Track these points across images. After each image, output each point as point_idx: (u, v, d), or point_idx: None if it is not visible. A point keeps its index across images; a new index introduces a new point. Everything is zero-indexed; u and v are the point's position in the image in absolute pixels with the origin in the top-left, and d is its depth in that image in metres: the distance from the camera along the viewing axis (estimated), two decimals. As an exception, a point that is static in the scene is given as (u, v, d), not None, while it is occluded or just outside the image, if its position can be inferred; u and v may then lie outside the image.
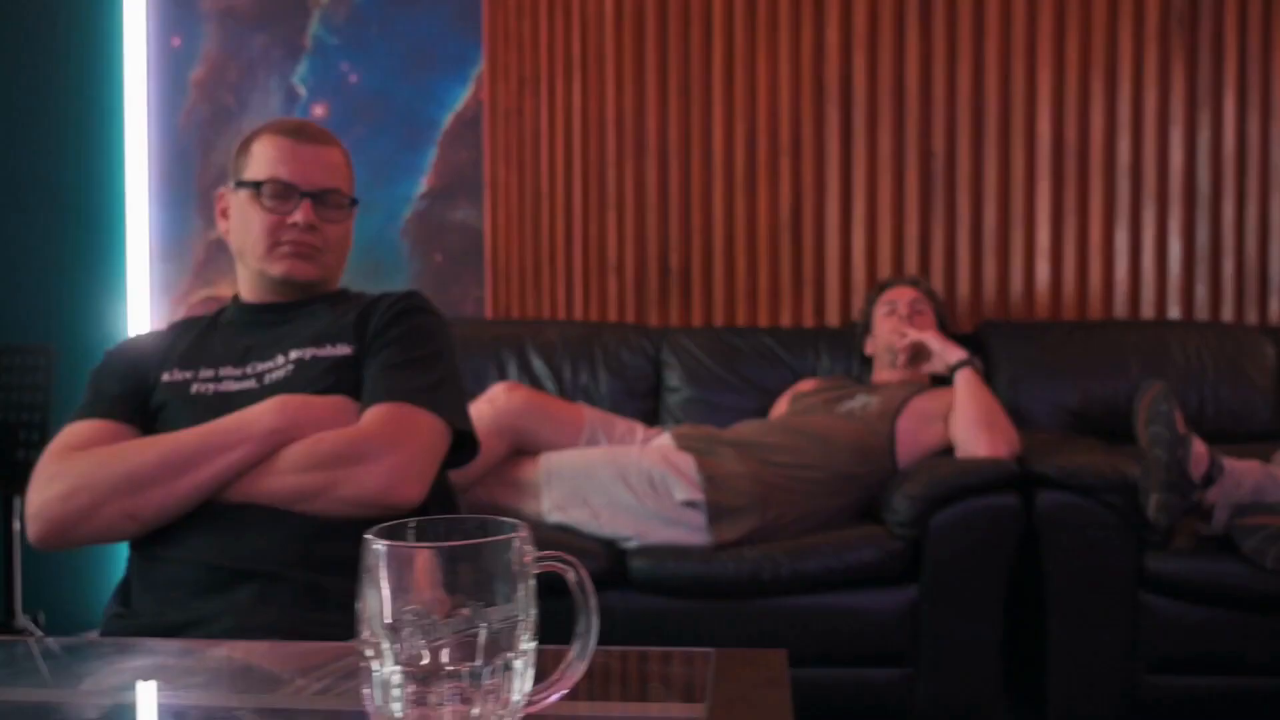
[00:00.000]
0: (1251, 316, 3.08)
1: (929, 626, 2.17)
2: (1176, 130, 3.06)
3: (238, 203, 1.47)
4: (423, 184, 3.31)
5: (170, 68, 3.36)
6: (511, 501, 2.29)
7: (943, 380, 2.72)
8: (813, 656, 2.19)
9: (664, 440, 2.40)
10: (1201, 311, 3.08)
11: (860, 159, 3.12)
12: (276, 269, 1.43)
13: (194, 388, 1.40)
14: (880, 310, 2.74)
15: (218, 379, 1.41)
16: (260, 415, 1.29)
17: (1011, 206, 3.09)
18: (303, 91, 3.33)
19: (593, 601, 0.68)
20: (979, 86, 3.09)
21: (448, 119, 3.30)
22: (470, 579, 0.61)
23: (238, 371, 1.41)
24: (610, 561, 2.19)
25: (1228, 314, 3.08)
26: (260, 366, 1.41)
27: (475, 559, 0.61)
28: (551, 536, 2.22)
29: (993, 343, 2.86)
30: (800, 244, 3.15)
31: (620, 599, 2.20)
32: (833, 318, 3.12)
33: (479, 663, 0.61)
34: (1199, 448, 2.05)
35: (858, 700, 2.21)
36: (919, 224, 3.11)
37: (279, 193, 1.42)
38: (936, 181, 3.11)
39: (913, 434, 2.41)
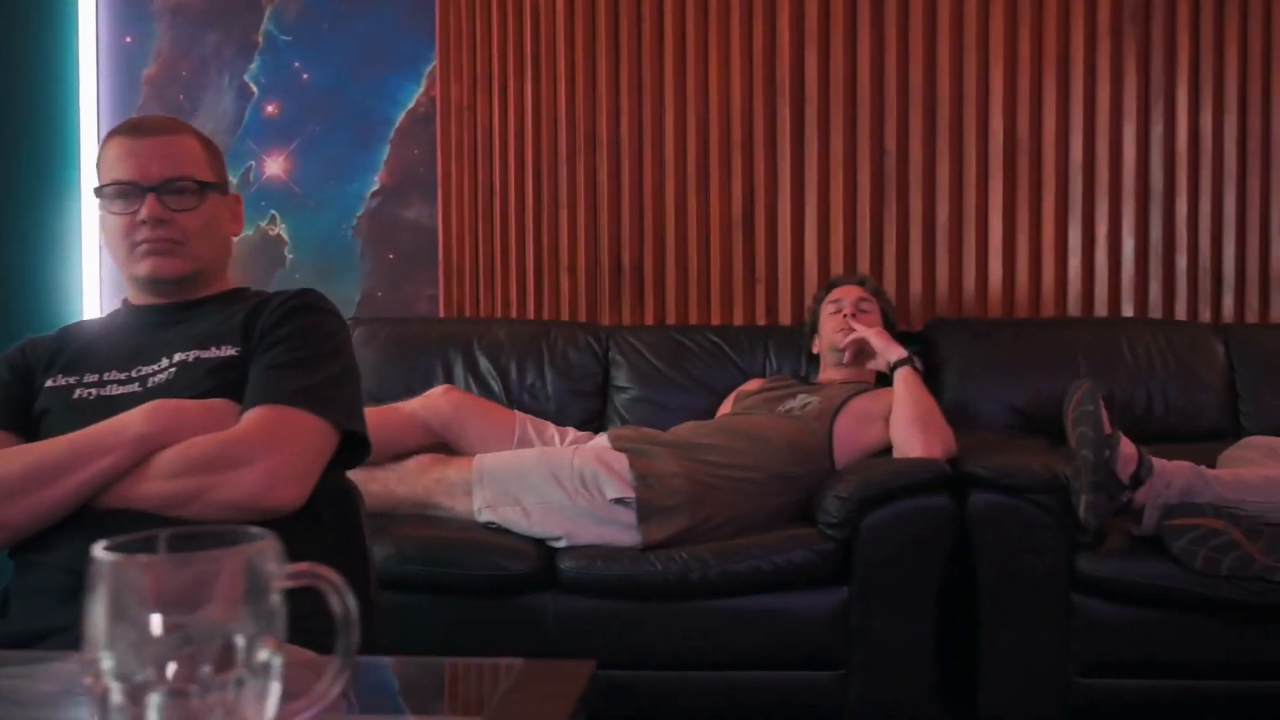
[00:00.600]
0: (1205, 314, 3.06)
1: (861, 628, 2.16)
2: (1129, 126, 3.04)
3: (99, 212, 1.45)
4: (375, 182, 3.29)
5: (123, 65, 3.35)
6: (443, 500, 2.28)
7: (888, 380, 2.71)
8: (744, 658, 2.18)
9: (600, 441, 2.39)
10: (1155, 309, 3.06)
11: (813, 156, 3.10)
12: (140, 270, 1.41)
13: (77, 393, 1.38)
14: (827, 309, 2.72)
15: (102, 383, 1.39)
16: (131, 421, 1.28)
17: (964, 203, 3.07)
18: (255, 89, 3.31)
19: (352, 616, 0.66)
20: (931, 83, 3.07)
21: (400, 117, 3.28)
22: (196, 592, 0.59)
23: (123, 375, 1.39)
24: (540, 562, 2.17)
25: (1181, 311, 3.06)
26: (145, 370, 1.39)
27: (201, 570, 0.59)
28: (482, 536, 2.21)
29: (940, 341, 2.85)
30: (753, 241, 3.13)
31: (550, 600, 2.18)
32: (785, 316, 3.10)
33: (205, 679, 0.59)
34: (1127, 448, 2.03)
35: (789, 702, 2.19)
36: (871, 221, 3.09)
37: (122, 193, 1.40)
38: (889, 178, 3.09)
39: (852, 434, 2.40)
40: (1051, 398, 2.71)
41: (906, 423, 2.30)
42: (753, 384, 2.73)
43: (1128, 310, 3.05)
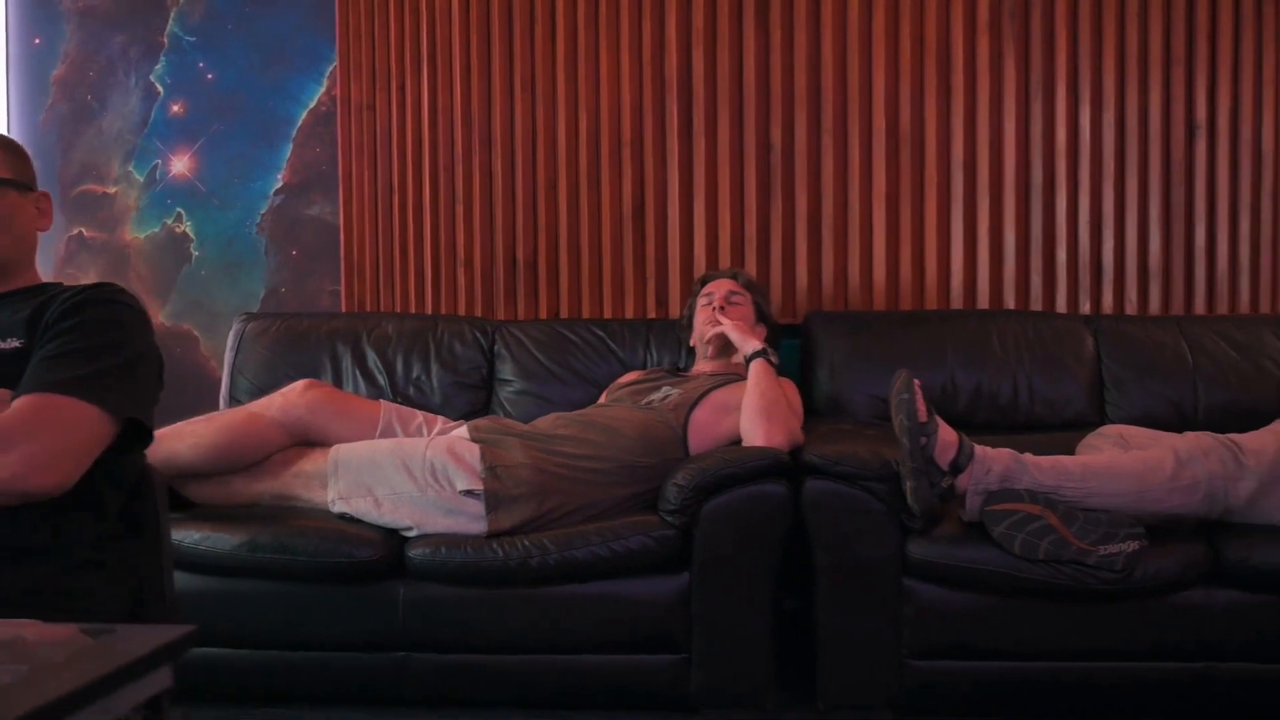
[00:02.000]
0: (1085, 306, 3.11)
1: (701, 613, 2.21)
2: (1010, 122, 3.09)
3: None
4: (279, 180, 3.36)
5: (31, 67, 3.41)
6: (301, 492, 2.34)
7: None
8: (588, 643, 2.24)
9: (460, 432, 2.44)
10: (1036, 302, 3.11)
11: (700, 153, 3.15)
12: None
13: None
14: (700, 302, 2.78)
15: None
16: (-100, 410, 1.33)
17: (849, 198, 3.13)
18: (161, 89, 3.37)
19: None
20: (816, 80, 3.12)
21: (303, 116, 3.34)
22: None
23: None
24: (388, 550, 2.23)
25: (1062, 304, 3.11)
26: None
27: None
28: (334, 525, 2.27)
29: (817, 333, 2.90)
30: (643, 236, 3.19)
31: (400, 587, 2.24)
32: (675, 309, 3.15)
33: None
34: (946, 435, 2.09)
35: (634, 686, 2.25)
36: (758, 216, 3.15)
37: None
38: (775, 174, 3.14)
39: (708, 425, 2.45)
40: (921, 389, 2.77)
41: (750, 413, 2.36)
42: (629, 376, 2.79)
43: (1010, 303, 3.11)
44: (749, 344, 2.53)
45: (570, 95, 3.19)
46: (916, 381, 2.09)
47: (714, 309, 2.69)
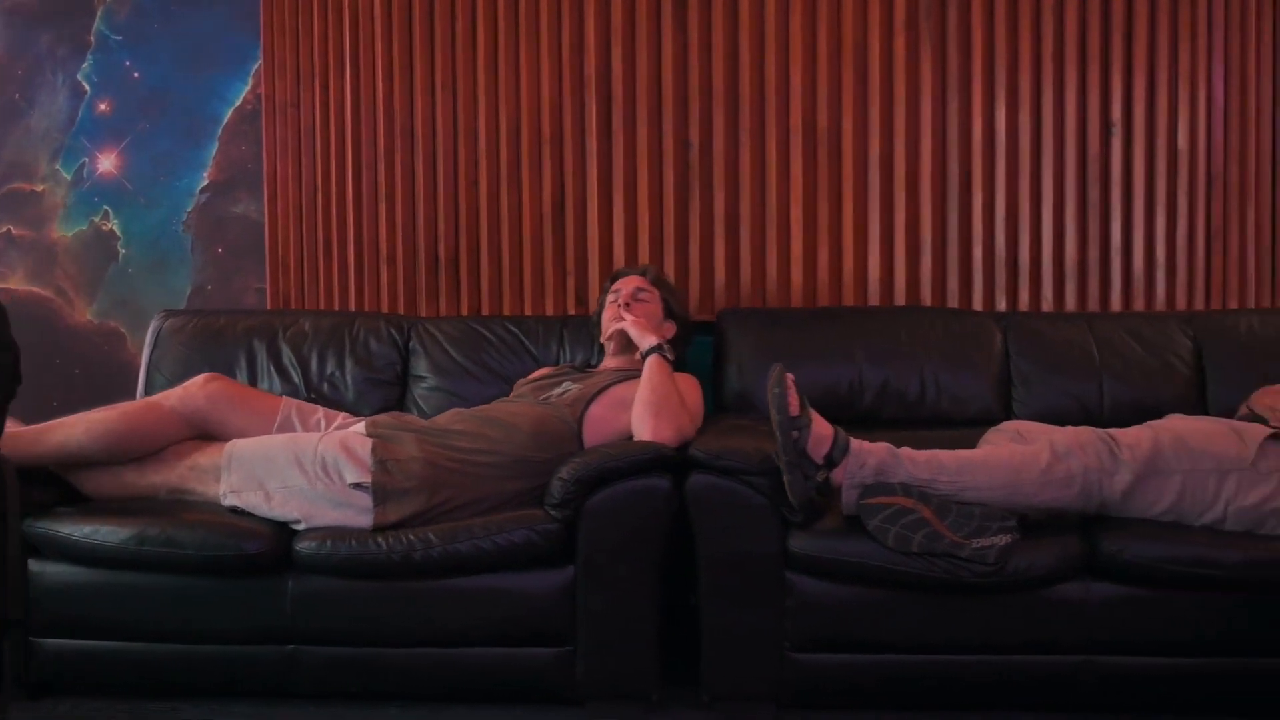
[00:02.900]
0: (1001, 304, 3.12)
1: (586, 607, 2.23)
2: (926, 120, 3.11)
3: None
4: (204, 178, 3.37)
5: (-40, 65, 3.42)
6: (195, 485, 2.36)
7: (680, 366, 2.78)
8: (474, 636, 2.25)
9: (357, 428, 2.45)
10: (953, 299, 3.12)
11: (619, 150, 3.16)
12: None
13: None
14: (608, 299, 2.79)
15: None
16: None
17: (767, 195, 3.14)
18: (87, 88, 3.38)
19: None
20: (734, 77, 3.14)
21: (228, 114, 3.36)
22: None
23: None
24: (276, 544, 2.24)
25: (978, 301, 3.12)
26: None
27: None
28: (224, 519, 2.29)
29: (729, 330, 2.91)
30: (563, 233, 3.20)
31: (288, 580, 2.25)
32: (595, 306, 3.16)
33: None
34: (820, 429, 2.10)
35: (519, 679, 2.26)
36: (676, 214, 3.16)
37: None
38: (693, 172, 3.15)
39: (604, 420, 2.46)
40: (825, 385, 2.79)
41: (640, 408, 2.37)
42: (539, 372, 2.80)
43: (927, 300, 3.12)
44: (646, 340, 2.54)
45: (490, 92, 3.20)
46: (789, 376, 2.10)
47: (619, 306, 2.70)
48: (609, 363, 2.74)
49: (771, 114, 3.13)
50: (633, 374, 2.61)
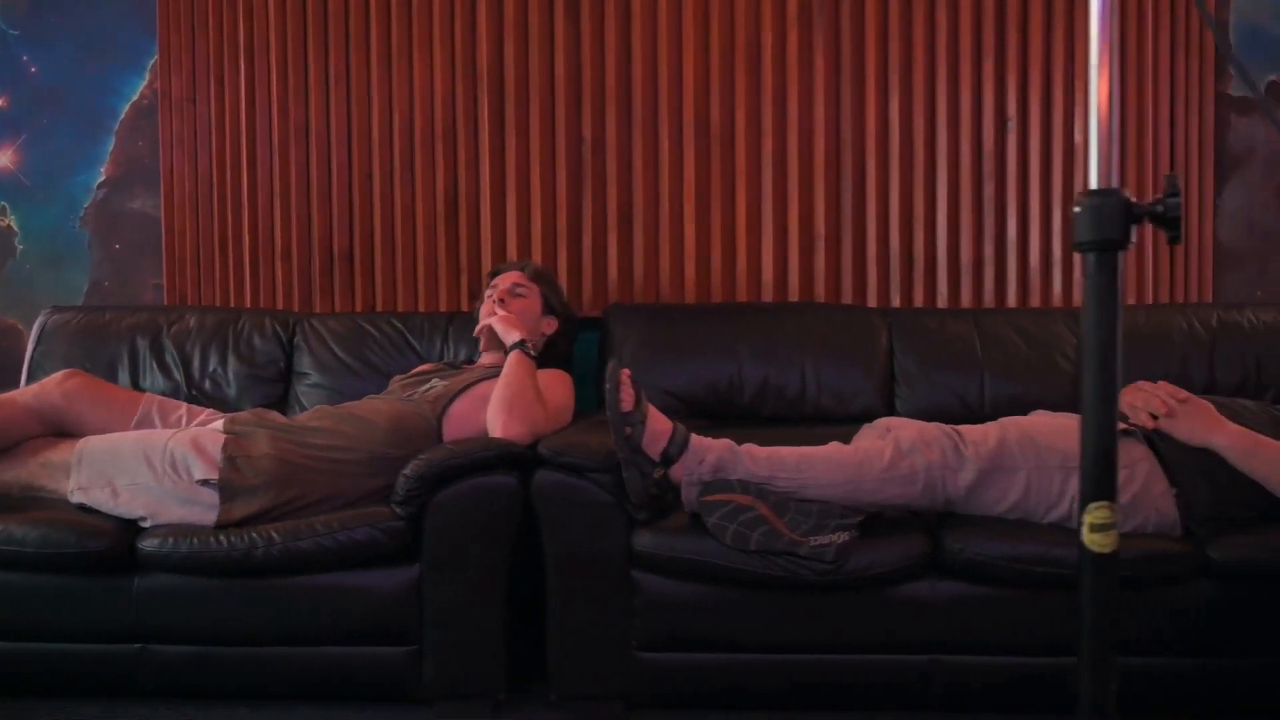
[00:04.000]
0: (896, 299, 3.09)
1: (433, 605, 2.20)
2: (820, 115, 3.08)
3: None
4: (102, 174, 3.34)
5: None
6: (45, 481, 2.33)
7: (552, 363, 2.76)
8: (320, 634, 2.22)
9: (216, 425, 2.43)
10: (847, 295, 3.09)
11: (512, 146, 3.14)
12: None
13: None
14: (487, 294, 2.76)
15: None
16: None
17: (660, 192, 3.11)
18: (-16, 82, 3.36)
19: None
20: (626, 73, 3.11)
21: (125, 109, 3.33)
22: None
23: None
24: (120, 541, 2.21)
25: (872, 297, 3.09)
26: None
27: None
28: (71, 516, 2.26)
29: (614, 326, 2.88)
30: (457, 229, 3.17)
31: (134, 578, 2.22)
32: (488, 303, 3.13)
33: None
34: (657, 425, 2.07)
35: (367, 679, 2.23)
36: (569, 209, 3.13)
37: None
38: (586, 167, 3.13)
39: (467, 417, 2.43)
40: (707, 381, 2.77)
41: (493, 404, 2.34)
42: (421, 368, 2.77)
43: (821, 295, 3.09)
44: (510, 335, 2.51)
45: (384, 87, 3.17)
46: (625, 372, 2.06)
47: (494, 301, 2.67)
48: (483, 359, 2.71)
49: (664, 109, 3.10)
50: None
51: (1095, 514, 1.00)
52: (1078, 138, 3.07)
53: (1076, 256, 3.03)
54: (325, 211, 3.21)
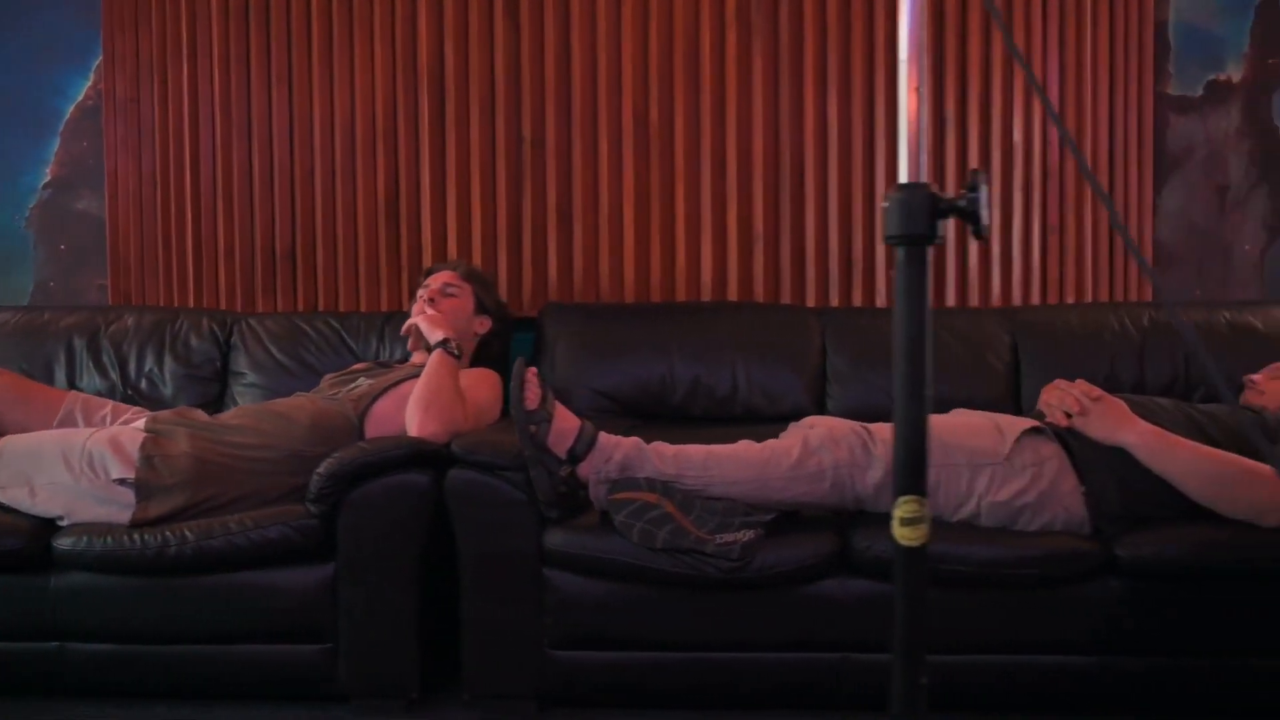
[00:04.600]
0: (835, 299, 3.09)
1: (347, 603, 2.20)
2: (758, 115, 3.08)
3: None
4: (46, 174, 3.35)
5: None
6: (-35, 481, 2.33)
7: (486, 363, 2.76)
8: (237, 633, 2.22)
9: (138, 423, 2.43)
10: (786, 294, 3.10)
11: (453, 145, 3.14)
12: None
13: None
14: (419, 294, 2.76)
15: None
16: None
17: (599, 191, 3.11)
18: (-71, 83, 3.37)
19: None
20: (566, 73, 3.11)
21: (70, 110, 3.34)
22: None
23: None
24: (35, 540, 2.21)
25: (812, 297, 3.09)
26: None
27: None
28: (-12, 516, 2.26)
29: (548, 325, 2.89)
30: (398, 228, 3.18)
31: (51, 577, 2.23)
32: (428, 303, 3.14)
33: None
34: (564, 423, 2.07)
35: (284, 677, 2.23)
36: (509, 209, 3.14)
37: None
38: (526, 167, 3.13)
39: (388, 416, 2.43)
40: (639, 381, 2.78)
41: (412, 403, 2.35)
42: (354, 368, 2.77)
43: (760, 295, 3.09)
44: (435, 334, 2.51)
45: (325, 87, 3.18)
46: (531, 370, 2.07)
47: (425, 301, 2.68)
48: (414, 359, 2.71)
49: (604, 108, 3.10)
50: (434, 369, 2.58)
51: (904, 508, 1.00)
52: (1016, 137, 3.08)
53: (1018, 254, 3.05)
54: (267, 211, 3.22)
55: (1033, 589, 2.08)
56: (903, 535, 0.99)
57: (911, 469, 1.00)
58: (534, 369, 2.08)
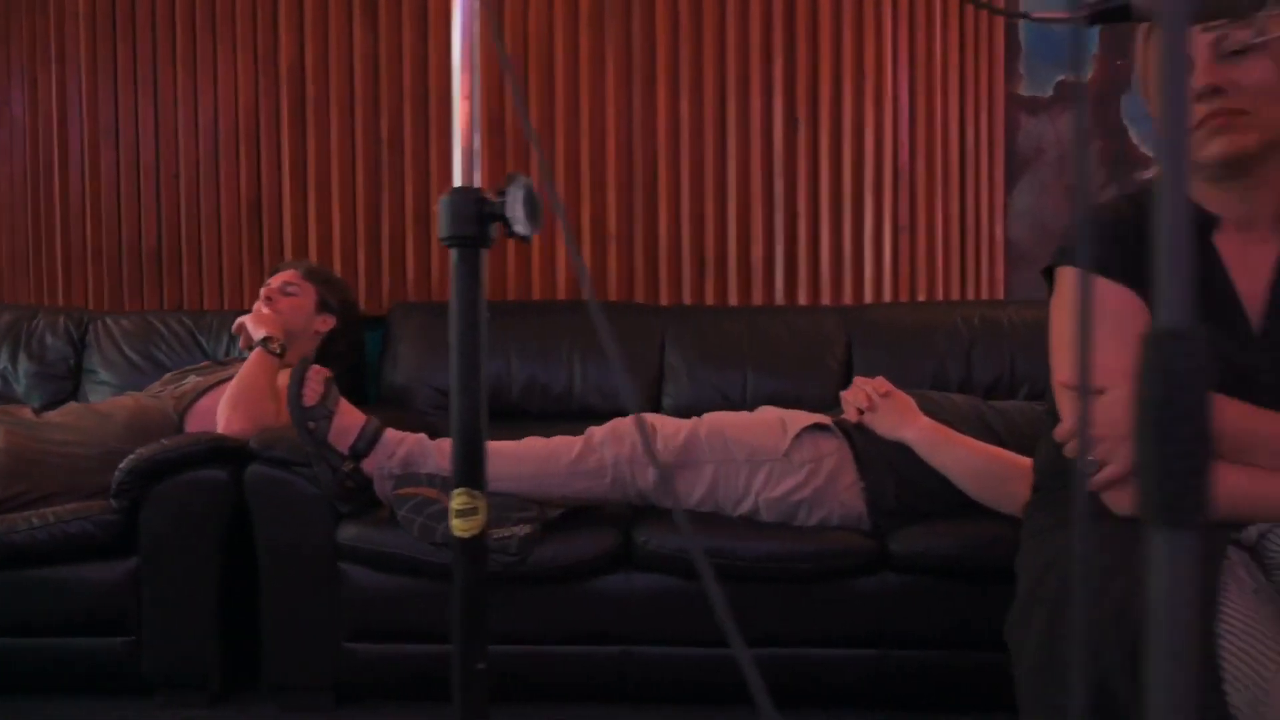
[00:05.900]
0: (687, 298, 3.13)
1: (149, 597, 2.24)
2: (611, 116, 3.11)
3: None
4: (-79, 174, 3.39)
5: None
6: None
7: (331, 361, 2.79)
8: (38, 627, 2.25)
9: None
10: (640, 293, 3.13)
11: (313, 146, 3.18)
12: None
13: None
14: (261, 293, 2.80)
15: None
16: None
17: (456, 192, 3.14)
18: None
19: None
20: (422, 74, 3.15)
21: (-56, 111, 3.38)
22: None
23: None
24: None
25: (665, 297, 3.13)
26: None
27: None
28: None
29: (395, 324, 2.93)
30: (261, 228, 3.22)
31: None
32: (291, 302, 3.17)
33: None
34: (346, 419, 2.10)
35: (90, 670, 2.26)
36: (368, 208, 3.17)
37: None
38: (384, 167, 3.17)
39: (210, 413, 2.47)
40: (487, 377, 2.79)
41: (222, 401, 2.38)
42: (201, 366, 2.81)
43: (613, 295, 3.12)
44: (258, 333, 2.55)
45: (188, 88, 3.22)
46: (314, 368, 2.10)
47: (263, 300, 2.71)
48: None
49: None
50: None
51: (458, 499, 1.03)
52: (868, 138, 3.11)
53: (869, 253, 3.08)
54: (134, 212, 3.26)
55: (811, 583, 2.11)
56: (457, 526, 1.02)
57: (466, 462, 1.03)
58: (320, 368, 2.12)
